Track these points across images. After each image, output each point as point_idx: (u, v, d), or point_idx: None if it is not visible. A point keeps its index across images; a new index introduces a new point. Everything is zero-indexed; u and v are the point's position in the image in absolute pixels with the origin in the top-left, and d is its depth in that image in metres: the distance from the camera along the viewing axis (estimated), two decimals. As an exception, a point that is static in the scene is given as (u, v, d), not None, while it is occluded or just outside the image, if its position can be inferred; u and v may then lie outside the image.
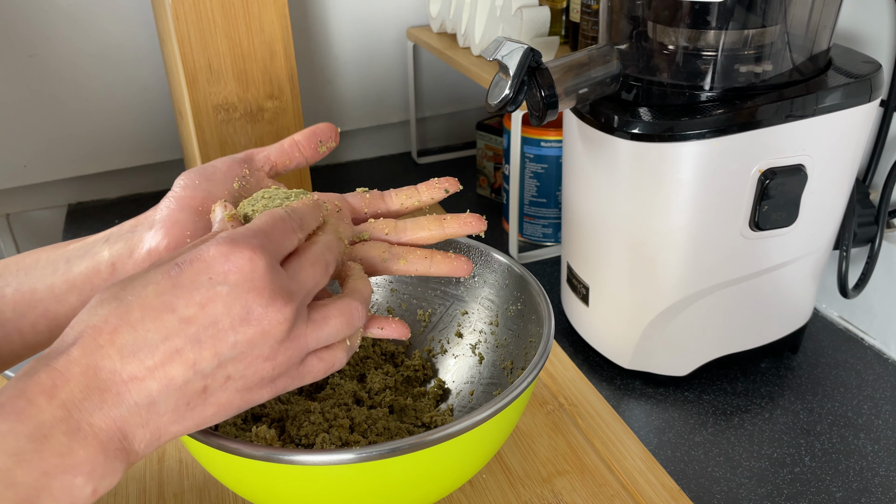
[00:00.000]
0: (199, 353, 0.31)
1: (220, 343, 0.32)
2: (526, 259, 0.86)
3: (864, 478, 0.56)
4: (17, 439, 0.28)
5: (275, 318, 0.32)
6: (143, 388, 0.31)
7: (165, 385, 0.31)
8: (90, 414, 0.30)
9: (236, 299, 0.32)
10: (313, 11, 1.03)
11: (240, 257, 0.32)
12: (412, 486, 0.42)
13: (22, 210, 1.03)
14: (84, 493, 0.29)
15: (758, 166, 0.55)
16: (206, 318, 0.31)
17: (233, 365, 0.32)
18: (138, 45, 0.96)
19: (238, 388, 0.33)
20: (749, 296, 0.61)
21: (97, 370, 0.30)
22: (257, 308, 0.32)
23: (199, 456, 0.43)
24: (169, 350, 0.31)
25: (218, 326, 0.32)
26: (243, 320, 0.32)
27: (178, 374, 0.31)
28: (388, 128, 1.16)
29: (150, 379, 0.31)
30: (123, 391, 0.31)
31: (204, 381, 0.32)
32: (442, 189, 0.46)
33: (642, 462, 0.55)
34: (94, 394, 0.30)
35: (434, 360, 0.59)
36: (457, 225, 0.45)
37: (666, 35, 0.56)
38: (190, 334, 0.31)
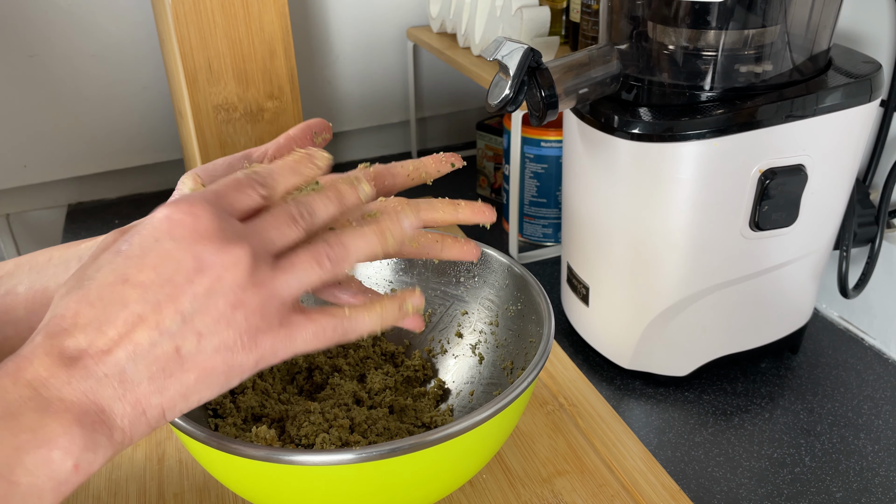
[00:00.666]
0: (161, 314, 0.31)
1: (178, 298, 0.31)
2: (526, 259, 0.86)
3: (864, 478, 0.56)
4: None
5: (227, 261, 0.32)
6: (111, 358, 0.30)
7: (132, 352, 0.31)
8: (59, 390, 0.29)
9: (185, 252, 0.31)
10: (313, 11, 1.03)
11: (181, 212, 0.32)
12: (412, 486, 0.42)
13: (22, 210, 1.03)
14: (65, 467, 0.29)
15: (758, 166, 0.55)
16: (160, 279, 0.31)
17: (199, 319, 0.31)
18: (138, 45, 0.96)
19: (215, 346, 0.32)
20: (749, 296, 0.61)
21: (62, 350, 0.30)
22: (208, 255, 0.31)
23: (199, 456, 0.43)
24: (130, 317, 0.31)
25: (174, 283, 0.31)
26: (196, 270, 0.31)
27: (144, 338, 0.31)
28: (388, 128, 1.16)
29: (117, 349, 0.30)
30: (91, 365, 0.30)
31: (173, 340, 0.31)
32: (448, 163, 0.46)
33: (642, 462, 0.55)
34: (59, 371, 0.30)
35: (434, 360, 0.59)
36: (470, 212, 0.43)
37: (666, 35, 0.56)
38: (148, 297, 0.31)
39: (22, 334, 0.41)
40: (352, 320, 0.36)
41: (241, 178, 0.35)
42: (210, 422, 0.50)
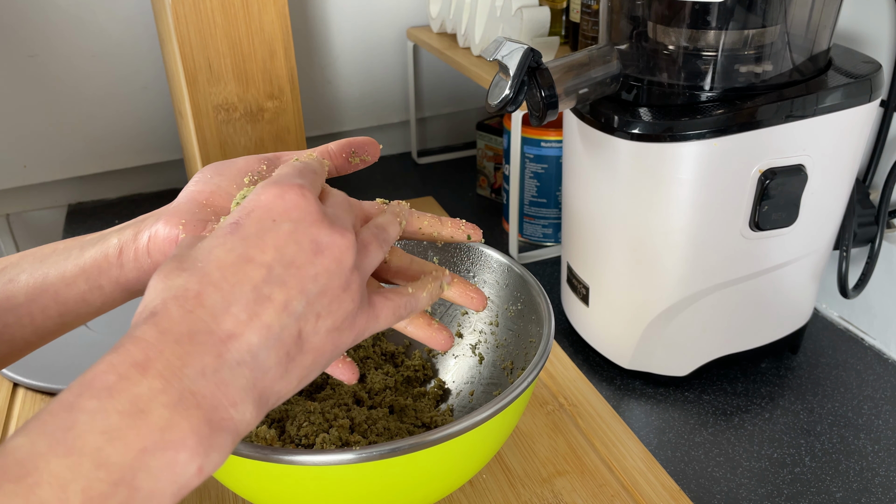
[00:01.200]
0: (288, 293, 0.31)
1: (303, 279, 0.31)
2: (526, 259, 0.86)
3: (864, 478, 0.56)
4: (109, 416, 0.25)
5: (343, 244, 0.33)
6: (242, 343, 0.29)
7: (265, 335, 0.30)
8: (192, 381, 0.27)
9: (304, 234, 0.32)
10: (313, 11, 1.03)
11: (293, 194, 0.32)
12: (412, 486, 0.42)
13: (22, 210, 1.03)
14: (189, 472, 0.27)
15: (758, 166, 0.55)
16: (284, 259, 0.31)
17: (319, 300, 0.32)
18: (138, 45, 0.96)
19: (328, 328, 0.32)
20: (749, 296, 0.61)
21: (192, 335, 0.28)
22: (324, 237, 0.32)
23: (199, 456, 0.43)
24: (259, 298, 0.30)
25: (296, 263, 0.31)
26: (316, 252, 0.32)
27: (274, 319, 0.30)
28: (388, 128, 1.16)
29: (249, 332, 0.29)
30: (223, 351, 0.29)
31: (298, 323, 0.31)
32: (465, 234, 0.45)
33: (642, 462, 0.55)
34: (193, 359, 0.28)
35: (434, 360, 0.59)
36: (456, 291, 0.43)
37: (666, 35, 0.56)
38: (274, 278, 0.30)
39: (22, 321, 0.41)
40: (415, 297, 0.38)
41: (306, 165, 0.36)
42: (210, 422, 0.50)
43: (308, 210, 0.32)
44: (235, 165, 0.43)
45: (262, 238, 0.31)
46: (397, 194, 1.03)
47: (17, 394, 0.64)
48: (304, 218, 0.32)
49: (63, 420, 0.25)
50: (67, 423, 0.25)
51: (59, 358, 0.64)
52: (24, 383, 0.64)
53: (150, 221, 0.41)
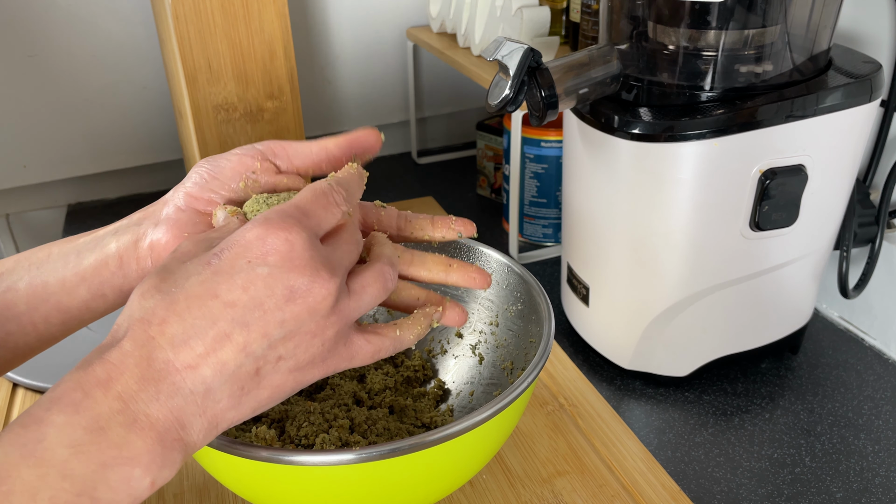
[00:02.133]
0: (248, 336, 0.31)
1: (267, 323, 0.32)
2: (526, 259, 0.86)
3: (864, 478, 0.56)
4: (74, 430, 0.28)
5: (319, 294, 0.33)
6: (197, 375, 0.31)
7: (219, 370, 0.31)
8: (146, 405, 0.30)
9: (277, 279, 0.32)
10: (313, 11, 1.03)
11: (276, 238, 0.32)
12: (412, 486, 0.42)
13: (22, 210, 1.03)
14: (142, 485, 0.29)
15: (758, 166, 0.55)
16: (249, 301, 0.31)
17: (283, 344, 0.32)
18: (138, 45, 0.96)
19: (290, 367, 0.33)
20: (749, 296, 0.61)
21: (150, 361, 0.30)
22: (300, 285, 0.32)
23: (198, 456, 0.43)
24: (218, 335, 0.31)
25: (263, 308, 0.32)
26: (288, 299, 0.32)
27: (230, 358, 0.31)
28: (388, 128, 1.16)
29: (204, 366, 0.31)
30: (178, 380, 0.30)
31: (256, 363, 0.32)
32: (456, 232, 0.45)
33: (642, 462, 0.55)
34: (149, 385, 0.30)
35: (434, 360, 0.59)
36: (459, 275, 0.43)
37: (666, 35, 0.56)
38: (236, 317, 0.31)
39: (24, 328, 0.41)
40: (401, 340, 0.38)
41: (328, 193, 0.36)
42: (210, 422, 0.50)
43: (288, 256, 0.32)
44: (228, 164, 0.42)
45: (233, 277, 0.32)
46: (397, 194, 1.04)
47: (17, 394, 0.64)
48: (282, 264, 0.32)
49: (34, 432, 0.28)
50: (38, 436, 0.27)
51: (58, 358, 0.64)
52: (23, 383, 0.64)
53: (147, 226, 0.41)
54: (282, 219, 0.33)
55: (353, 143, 0.43)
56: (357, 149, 0.43)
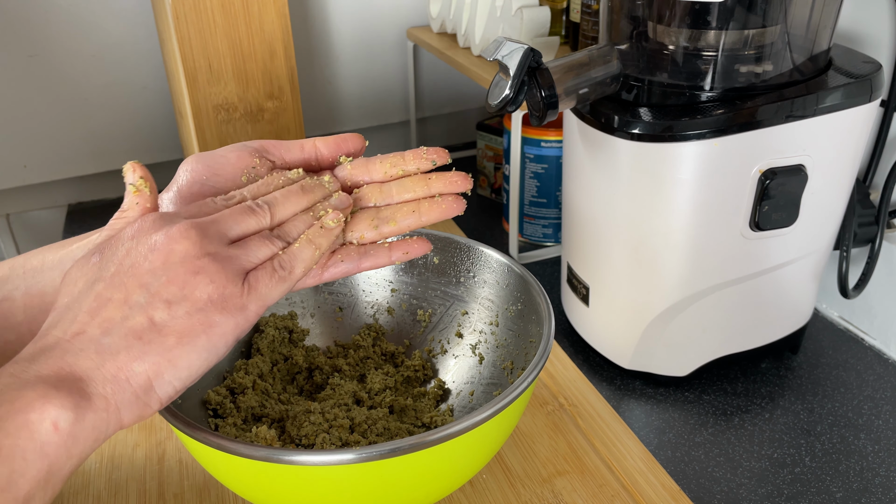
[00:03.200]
0: (127, 291, 0.34)
1: (140, 275, 0.34)
2: (526, 259, 0.86)
3: (864, 478, 0.56)
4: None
5: (174, 235, 0.35)
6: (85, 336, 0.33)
7: (106, 326, 0.33)
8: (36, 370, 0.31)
9: (139, 242, 0.35)
10: (313, 12, 1.03)
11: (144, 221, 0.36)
12: (412, 486, 0.42)
13: (22, 210, 1.03)
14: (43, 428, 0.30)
15: (758, 166, 0.55)
16: (119, 266, 0.35)
17: (164, 289, 0.34)
18: (138, 45, 0.96)
19: (187, 310, 0.34)
20: (749, 296, 0.61)
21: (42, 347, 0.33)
22: (156, 236, 0.35)
23: (199, 456, 0.43)
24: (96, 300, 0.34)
25: (133, 266, 0.35)
26: (150, 250, 0.35)
27: (113, 313, 0.33)
28: (388, 128, 1.16)
29: (89, 327, 0.33)
30: (67, 345, 0.33)
31: (144, 312, 0.34)
32: (429, 160, 0.45)
33: (642, 462, 0.55)
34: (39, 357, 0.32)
35: (434, 360, 0.59)
36: (442, 183, 0.44)
37: (666, 35, 0.56)
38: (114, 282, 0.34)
39: (23, 338, 0.41)
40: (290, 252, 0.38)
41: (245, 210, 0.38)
42: (210, 422, 0.50)
43: (143, 225, 0.36)
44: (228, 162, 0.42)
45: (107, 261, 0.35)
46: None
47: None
48: (141, 229, 0.36)
49: None
50: None
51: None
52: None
53: None
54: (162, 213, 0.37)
55: (340, 144, 0.45)
56: (343, 150, 0.46)
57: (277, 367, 0.56)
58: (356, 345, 0.59)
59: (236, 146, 0.43)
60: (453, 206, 0.44)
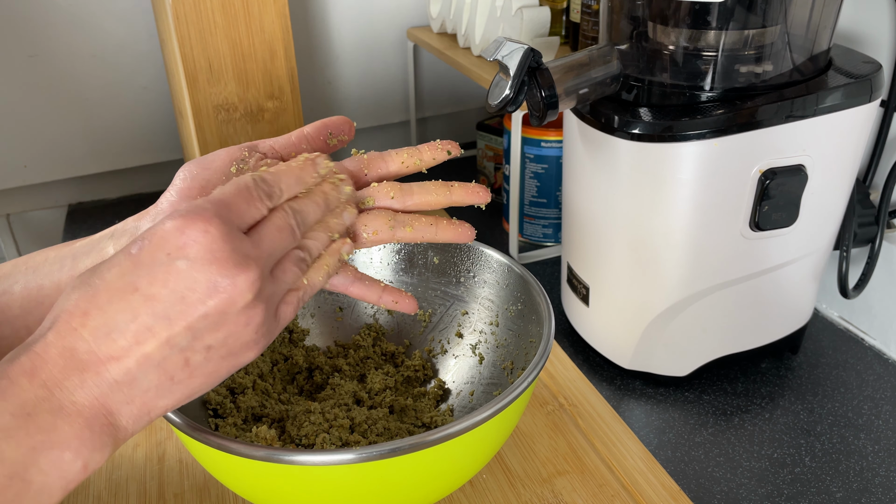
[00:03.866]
0: (171, 329, 0.31)
1: (190, 317, 0.31)
2: (526, 259, 0.86)
3: (864, 478, 0.56)
4: (2, 416, 0.28)
5: (241, 286, 0.32)
6: (121, 366, 0.31)
7: (143, 363, 0.31)
8: (71, 393, 0.30)
9: (199, 272, 0.31)
10: (313, 12, 1.03)
11: (194, 230, 0.31)
12: (412, 486, 0.42)
13: (22, 210, 1.03)
14: (74, 468, 0.30)
15: (758, 166, 0.55)
16: (170, 295, 0.31)
17: (210, 335, 0.32)
18: (138, 45, 0.96)
19: (222, 355, 0.33)
20: (749, 296, 0.61)
21: (74, 351, 0.31)
22: (222, 279, 0.32)
23: (199, 456, 0.43)
24: (140, 329, 0.31)
25: (185, 301, 0.31)
26: (209, 293, 0.32)
27: (154, 350, 0.31)
28: (388, 128, 1.16)
29: (127, 357, 0.31)
30: (102, 370, 0.31)
31: (183, 354, 0.32)
32: (444, 150, 0.45)
33: (642, 462, 0.55)
34: (73, 374, 0.30)
35: (434, 360, 0.59)
36: (463, 193, 0.44)
37: (666, 35, 0.56)
38: (158, 312, 0.31)
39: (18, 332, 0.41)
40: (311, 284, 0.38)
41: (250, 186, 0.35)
42: (210, 422, 0.50)
43: (208, 247, 0.31)
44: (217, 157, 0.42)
45: (153, 270, 0.31)
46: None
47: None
48: (203, 256, 0.31)
49: None
50: None
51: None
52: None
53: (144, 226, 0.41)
54: (198, 211, 0.32)
55: (327, 125, 0.45)
56: (331, 127, 0.45)
57: (277, 367, 0.56)
58: (356, 345, 0.59)
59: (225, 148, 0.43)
60: (467, 234, 0.45)
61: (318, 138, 0.44)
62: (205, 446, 0.39)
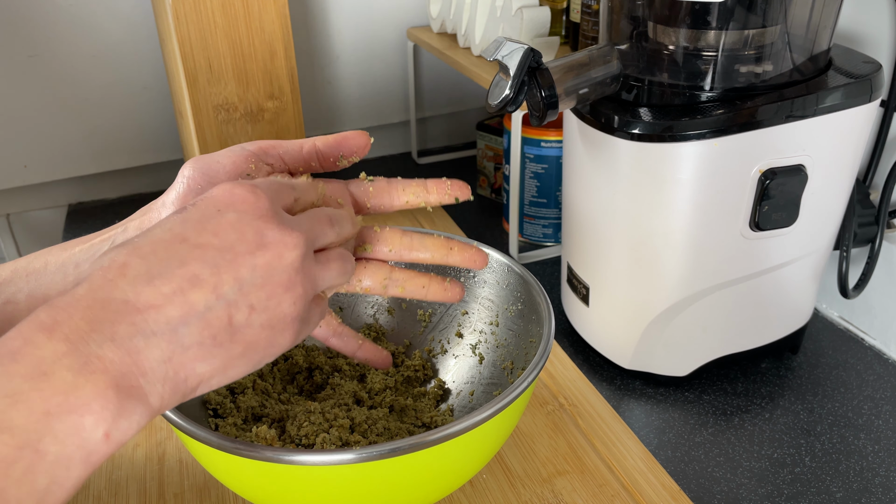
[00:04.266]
0: (219, 277, 0.30)
1: (239, 266, 0.31)
2: (526, 259, 0.86)
3: (864, 478, 0.56)
4: (11, 379, 0.25)
5: (289, 242, 0.32)
6: (161, 315, 0.28)
7: (187, 311, 0.29)
8: (99, 346, 0.27)
9: (248, 225, 0.32)
10: (313, 12, 1.03)
11: (243, 190, 0.33)
12: (412, 486, 0.42)
13: (22, 210, 1.03)
14: (95, 437, 0.26)
15: (758, 166, 0.55)
16: (220, 244, 0.31)
17: (255, 293, 0.31)
18: (138, 45, 0.96)
19: (262, 322, 0.32)
20: (749, 296, 0.61)
21: (107, 302, 0.28)
22: (270, 232, 0.32)
23: (199, 456, 0.43)
24: (186, 275, 0.29)
25: (235, 251, 0.31)
26: (258, 245, 0.32)
27: (200, 299, 0.29)
28: (388, 128, 1.16)
29: (169, 305, 0.29)
30: (139, 320, 0.28)
31: (228, 309, 0.30)
32: (452, 196, 0.44)
33: (642, 462, 0.55)
34: (103, 325, 0.27)
35: (434, 360, 0.59)
36: (461, 257, 0.45)
37: (666, 35, 0.56)
38: (207, 259, 0.30)
39: None
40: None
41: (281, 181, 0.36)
42: (210, 422, 0.50)
43: (256, 205, 0.32)
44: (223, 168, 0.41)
45: (202, 223, 0.31)
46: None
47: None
48: (251, 210, 0.32)
49: None
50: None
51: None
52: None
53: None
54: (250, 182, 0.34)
55: (341, 143, 0.43)
56: (345, 149, 0.43)
57: (277, 367, 0.56)
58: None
59: (233, 150, 0.42)
60: (456, 296, 0.46)
61: (329, 158, 0.43)
62: (205, 446, 0.40)
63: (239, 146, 0.43)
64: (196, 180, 0.41)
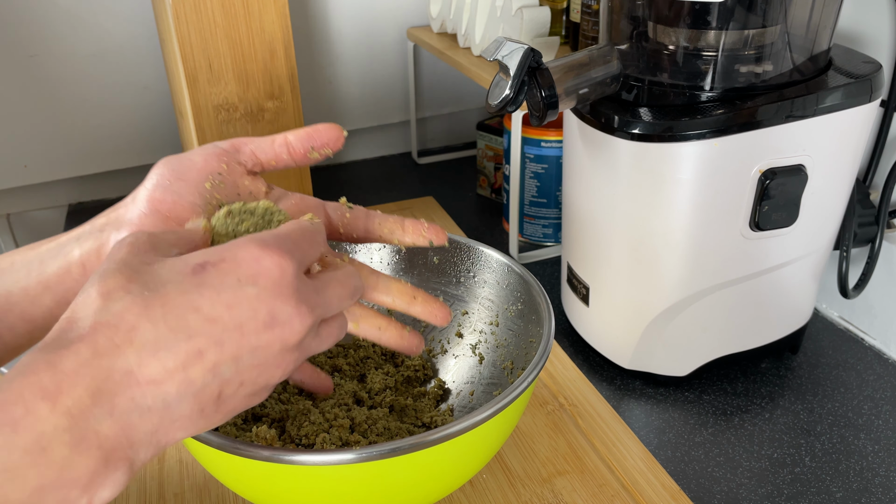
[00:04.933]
0: (221, 356, 0.30)
1: (241, 347, 0.31)
2: (526, 259, 0.86)
3: (864, 478, 0.56)
4: (11, 453, 0.25)
5: (296, 325, 0.32)
6: (159, 390, 0.29)
7: (184, 389, 0.29)
8: (98, 421, 0.27)
9: (263, 303, 0.31)
10: (313, 11, 1.03)
11: (270, 261, 0.31)
12: (412, 486, 0.42)
13: (22, 210, 1.03)
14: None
15: (758, 166, 0.55)
16: (230, 320, 0.30)
17: (248, 371, 0.31)
18: (138, 45, 0.96)
19: (247, 393, 0.32)
20: (749, 296, 0.61)
21: (110, 372, 0.28)
22: (283, 311, 0.31)
23: (199, 456, 0.43)
24: (191, 351, 0.29)
25: (243, 329, 0.30)
26: (267, 325, 0.31)
27: (198, 377, 0.29)
28: (388, 128, 1.16)
29: (170, 381, 0.29)
30: (138, 395, 0.28)
31: (220, 386, 0.30)
32: (427, 240, 0.44)
33: (642, 462, 0.55)
34: (104, 398, 0.27)
35: (434, 360, 0.59)
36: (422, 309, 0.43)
37: (666, 35, 0.56)
38: (214, 335, 0.30)
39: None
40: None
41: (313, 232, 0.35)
42: (210, 422, 0.50)
43: (279, 282, 0.31)
44: (194, 166, 0.40)
45: (219, 292, 0.30)
46: (397, 194, 1.04)
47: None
48: (272, 287, 0.31)
49: None
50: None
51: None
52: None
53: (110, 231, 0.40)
54: (278, 243, 0.32)
55: (312, 136, 0.42)
56: (316, 141, 0.42)
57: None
58: (356, 344, 0.59)
59: (206, 148, 0.41)
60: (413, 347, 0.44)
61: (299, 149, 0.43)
62: (204, 446, 0.40)
63: (212, 144, 0.42)
64: (166, 177, 0.40)
